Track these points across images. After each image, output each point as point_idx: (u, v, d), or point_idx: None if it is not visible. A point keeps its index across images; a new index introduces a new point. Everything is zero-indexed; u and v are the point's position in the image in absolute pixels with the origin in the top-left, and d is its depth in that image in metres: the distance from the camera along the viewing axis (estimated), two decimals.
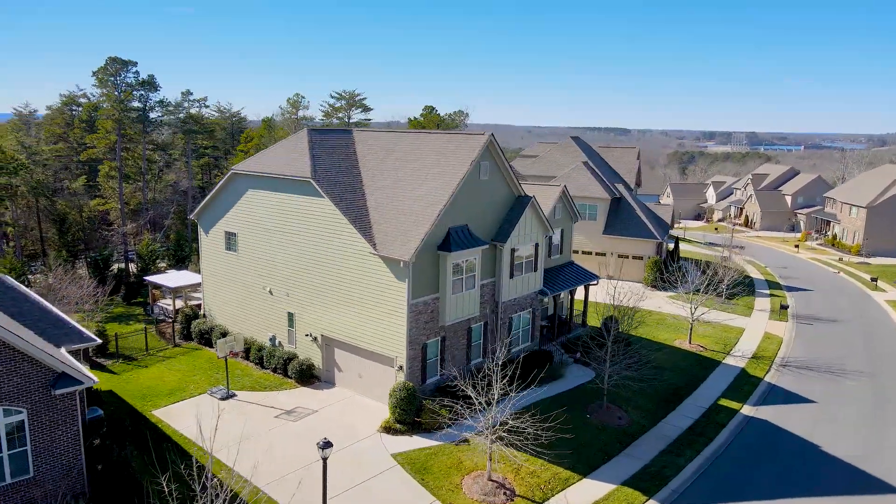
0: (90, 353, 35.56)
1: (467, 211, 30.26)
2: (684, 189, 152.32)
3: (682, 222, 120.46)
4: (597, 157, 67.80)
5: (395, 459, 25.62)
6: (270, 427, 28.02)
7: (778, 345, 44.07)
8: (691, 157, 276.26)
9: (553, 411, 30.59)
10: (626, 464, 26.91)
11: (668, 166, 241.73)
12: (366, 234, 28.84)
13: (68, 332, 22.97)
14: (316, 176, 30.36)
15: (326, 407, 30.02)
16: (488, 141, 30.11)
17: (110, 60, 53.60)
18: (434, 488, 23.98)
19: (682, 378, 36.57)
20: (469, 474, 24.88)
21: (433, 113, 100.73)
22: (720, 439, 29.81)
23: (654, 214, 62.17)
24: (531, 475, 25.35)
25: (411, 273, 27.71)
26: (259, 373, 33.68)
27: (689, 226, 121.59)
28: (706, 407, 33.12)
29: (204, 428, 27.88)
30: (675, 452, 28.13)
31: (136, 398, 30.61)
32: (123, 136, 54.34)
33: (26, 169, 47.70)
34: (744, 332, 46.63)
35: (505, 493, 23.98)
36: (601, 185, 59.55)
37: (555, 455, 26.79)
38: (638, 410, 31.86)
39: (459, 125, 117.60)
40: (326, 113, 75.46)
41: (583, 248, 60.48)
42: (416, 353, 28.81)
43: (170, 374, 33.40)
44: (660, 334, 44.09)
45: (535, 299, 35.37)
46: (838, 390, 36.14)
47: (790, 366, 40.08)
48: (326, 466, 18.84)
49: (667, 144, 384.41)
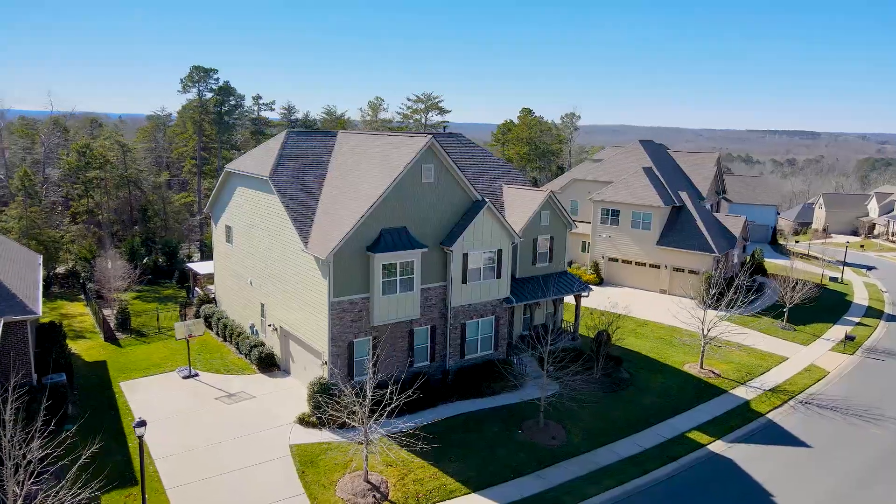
0: (112, 328, 40.36)
1: (408, 213, 30.26)
2: (840, 200, 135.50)
3: (786, 236, 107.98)
4: (668, 162, 63.27)
5: (290, 450, 26.51)
6: (206, 407, 30.13)
7: (816, 380, 38.67)
8: (887, 164, 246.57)
9: (485, 423, 29.88)
10: (528, 485, 25.54)
11: (848, 175, 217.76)
12: (303, 231, 29.97)
13: (13, 304, 26.60)
14: (274, 175, 32.02)
15: (267, 394, 31.61)
16: (429, 144, 29.88)
17: (194, 69, 59.91)
18: (309, 483, 24.53)
19: (664, 404, 33.57)
20: (351, 473, 25.09)
21: (531, 115, 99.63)
22: (658, 473, 27.18)
23: (720, 226, 56.86)
24: (416, 482, 25.00)
25: (332, 271, 28.38)
26: (234, 357, 36.16)
27: (834, 241, 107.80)
28: (668, 437, 30.22)
29: (152, 402, 30.82)
30: (592, 480, 26.15)
31: (118, 370, 34.30)
32: (204, 136, 60.45)
33: (111, 165, 55.01)
34: (784, 361, 41.40)
35: (375, 497, 23.91)
36: (657, 193, 55.63)
37: (458, 466, 26.24)
38: (583, 432, 29.87)
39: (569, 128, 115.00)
40: (404, 115, 77.72)
41: (636, 258, 56.95)
42: (341, 351, 29.42)
43: (160, 352, 36.91)
44: (672, 355, 40.57)
45: (500, 307, 34.33)
46: (852, 437, 31.16)
47: (813, 404, 35.12)
48: (143, 444, 20.16)
49: (862, 149, 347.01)
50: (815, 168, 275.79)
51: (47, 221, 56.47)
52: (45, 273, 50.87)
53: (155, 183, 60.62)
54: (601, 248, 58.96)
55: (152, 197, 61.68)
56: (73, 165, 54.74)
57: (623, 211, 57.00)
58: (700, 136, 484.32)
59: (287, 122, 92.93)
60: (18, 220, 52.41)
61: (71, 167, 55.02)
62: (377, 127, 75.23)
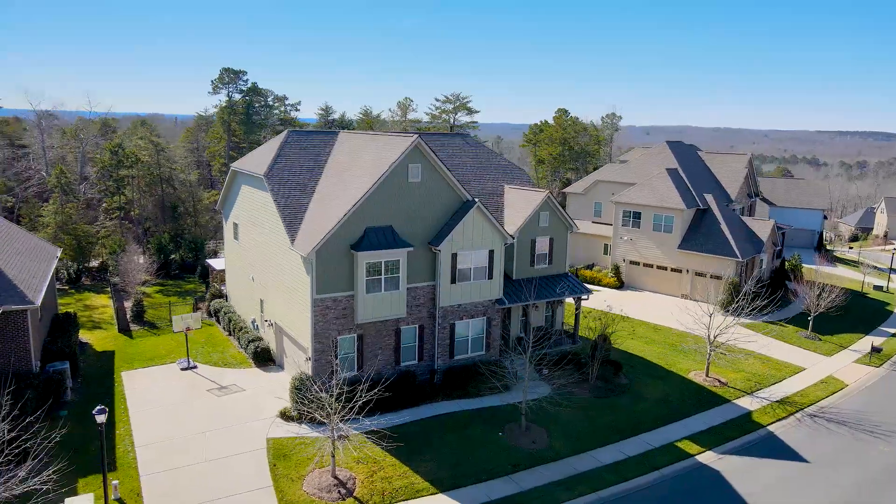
0: (128, 320, 41.99)
1: (395, 212, 30.40)
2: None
3: (842, 240, 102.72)
4: (696, 164, 61.36)
5: (267, 443, 27.02)
6: (196, 398, 31.01)
7: (831, 392, 36.87)
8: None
9: (467, 424, 29.70)
10: (497, 488, 25.29)
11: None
12: (291, 229, 30.50)
13: (13, 294, 28.03)
14: (269, 174, 32.70)
15: (257, 388, 32.26)
16: (415, 144, 29.93)
17: (224, 71, 61.80)
18: (278, 476, 24.93)
19: (659, 411, 32.64)
20: (321, 469, 25.37)
21: (567, 116, 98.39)
22: (637, 482, 26.47)
23: (747, 230, 54.80)
24: (384, 480, 25.09)
25: (315, 268, 28.78)
26: (234, 352, 37.06)
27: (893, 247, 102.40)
28: (655, 446, 29.38)
29: (149, 391, 31.94)
30: (565, 486, 25.68)
31: (123, 360, 35.66)
32: (233, 136, 62.30)
33: (142, 163, 57.33)
34: (800, 372, 39.61)
35: (340, 492, 24.14)
36: (679, 194, 54.07)
37: (430, 466, 26.21)
38: (567, 437, 29.35)
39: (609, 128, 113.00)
40: (432, 115, 77.94)
41: (657, 262, 55.52)
42: (325, 347, 29.78)
43: (167, 344, 38.15)
44: (679, 362, 39.37)
45: (492, 308, 34.06)
46: (856, 453, 29.61)
47: (822, 417, 33.52)
48: (103, 431, 20.88)
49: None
50: (887, 170, 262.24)
51: (83, 217, 59.24)
52: (76, 266, 53.39)
53: (186, 181, 62.77)
54: (622, 251, 57.73)
55: (184, 195, 63.86)
56: (105, 164, 57.31)
57: (644, 213, 55.67)
58: (766, 138, 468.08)
59: (323, 123, 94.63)
60: (55, 216, 55.11)
61: (104, 165, 57.63)
62: (406, 127, 75.74)
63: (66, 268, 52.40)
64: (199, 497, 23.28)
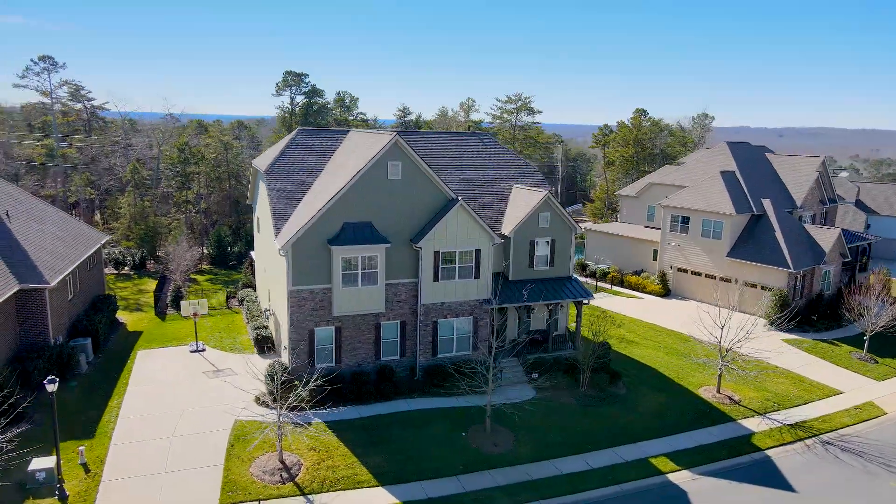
0: (167, 304, 45.41)
1: (375, 209, 30.94)
2: None
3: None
4: (762, 167, 56.94)
5: (233, 424, 28.46)
6: (191, 378, 33.14)
7: (861, 419, 33.28)
8: None
9: (433, 422, 29.67)
10: (439, 486, 25.20)
11: None
12: (278, 223, 31.87)
13: (34, 274, 31.34)
14: (269, 170, 34.32)
15: (248, 373, 33.83)
16: (393, 141, 30.31)
17: (287, 74, 64.98)
18: (232, 455, 26.19)
19: (649, 425, 30.99)
20: (272, 453, 26.38)
21: (645, 116, 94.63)
22: (590, 494, 25.43)
23: (808, 240, 50.26)
24: (330, 469, 25.71)
25: (291, 261, 29.92)
26: (245, 338, 39.13)
27: None
28: (627, 459, 27.99)
29: (151, 369, 34.56)
30: (509, 492, 25.15)
31: (146, 340, 38.71)
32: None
33: (206, 160, 61.68)
34: (834, 395, 35.97)
35: (283, 476, 25.03)
36: (730, 199, 50.58)
37: (380, 460, 26.53)
38: (536, 443, 28.60)
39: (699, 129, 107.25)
40: (494, 116, 77.51)
41: (706, 270, 52.28)
42: (301, 337, 30.85)
43: (191, 328, 40.90)
44: (691, 375, 37.02)
45: (479, 308, 33.73)
46: (858, 487, 26.69)
47: (837, 446, 30.40)
48: (55, 400, 22.92)
49: None
50: None
51: (158, 210, 64.54)
52: (141, 253, 58.17)
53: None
54: (670, 258, 54.87)
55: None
56: (174, 160, 62.19)
57: (693, 218, 52.61)
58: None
59: (399, 124, 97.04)
60: (129, 207, 60.49)
61: (172, 162, 62.58)
62: (468, 127, 75.99)
63: (132, 255, 57.31)
64: (154, 468, 25.00)
